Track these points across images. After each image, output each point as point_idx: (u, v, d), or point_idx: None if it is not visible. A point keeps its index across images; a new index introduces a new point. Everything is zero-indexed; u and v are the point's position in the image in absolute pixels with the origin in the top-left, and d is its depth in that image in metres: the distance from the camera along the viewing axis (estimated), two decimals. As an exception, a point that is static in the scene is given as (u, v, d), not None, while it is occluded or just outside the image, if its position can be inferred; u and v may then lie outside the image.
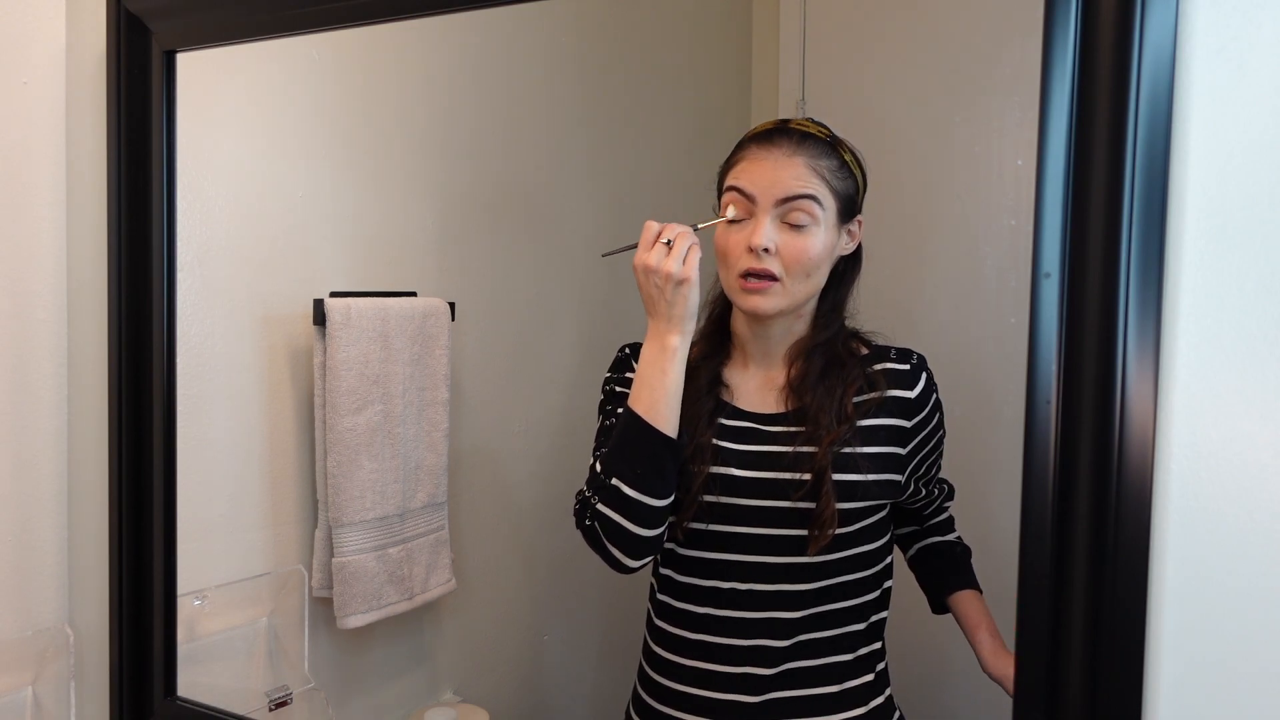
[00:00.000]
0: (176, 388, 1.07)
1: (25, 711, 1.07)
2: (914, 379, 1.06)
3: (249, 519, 1.20)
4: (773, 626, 1.03)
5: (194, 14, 1.02)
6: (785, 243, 1.00)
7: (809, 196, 1.00)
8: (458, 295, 1.39)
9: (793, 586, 1.03)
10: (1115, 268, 0.60)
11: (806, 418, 1.02)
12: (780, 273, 1.01)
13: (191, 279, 1.12)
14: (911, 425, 1.05)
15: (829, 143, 1.04)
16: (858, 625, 1.06)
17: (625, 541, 0.99)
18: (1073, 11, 0.61)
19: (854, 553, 1.05)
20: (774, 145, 1.02)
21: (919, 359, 1.08)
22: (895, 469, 1.04)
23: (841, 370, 1.05)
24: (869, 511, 1.04)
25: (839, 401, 1.02)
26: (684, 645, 1.07)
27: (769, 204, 1.00)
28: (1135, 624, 0.61)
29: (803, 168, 1.01)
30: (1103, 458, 0.61)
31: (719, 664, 1.05)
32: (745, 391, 1.08)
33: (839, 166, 1.03)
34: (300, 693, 1.21)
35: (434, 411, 1.33)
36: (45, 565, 1.10)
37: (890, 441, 1.04)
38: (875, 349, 1.09)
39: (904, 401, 1.05)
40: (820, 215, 1.01)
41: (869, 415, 1.03)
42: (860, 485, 1.01)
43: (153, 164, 1.04)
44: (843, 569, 1.04)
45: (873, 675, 1.07)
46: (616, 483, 0.98)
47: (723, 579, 1.04)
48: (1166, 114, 0.60)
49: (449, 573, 1.37)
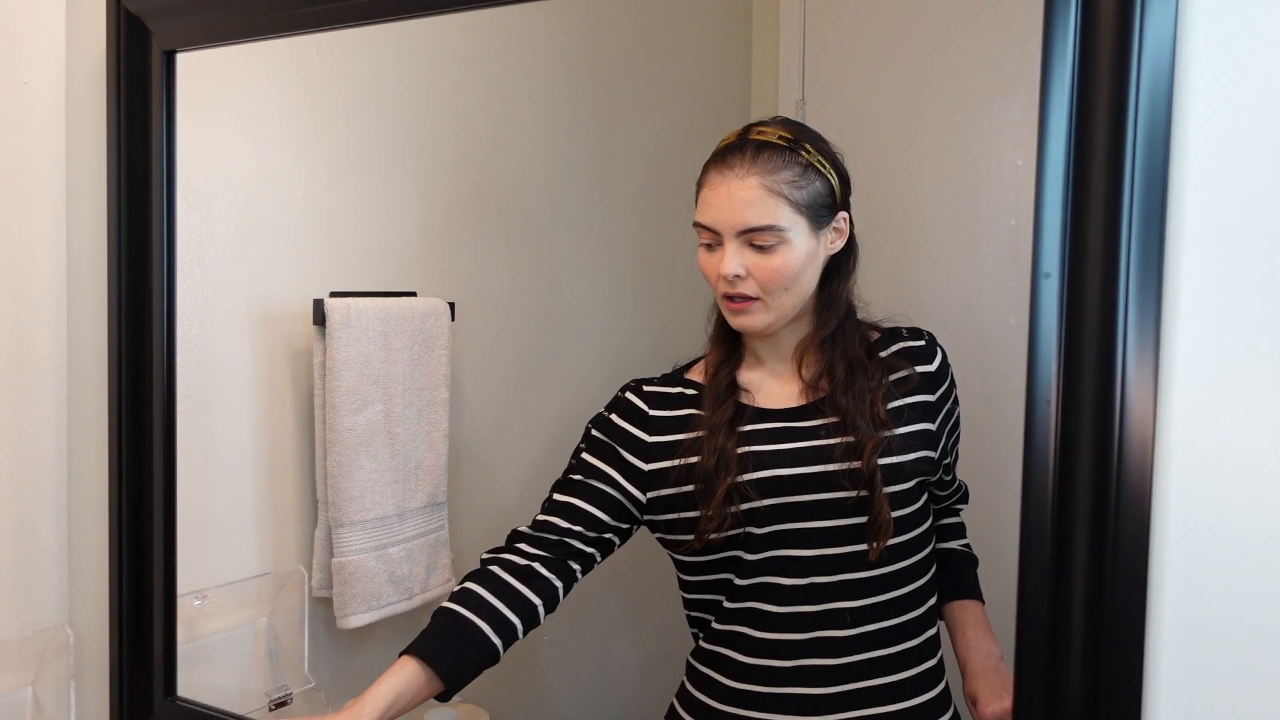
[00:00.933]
0: (176, 388, 1.07)
1: (25, 711, 1.07)
2: (931, 353, 1.09)
3: (249, 519, 1.20)
4: (838, 617, 1.03)
5: (194, 14, 1.02)
6: (755, 264, 1.00)
7: (766, 228, 0.99)
8: (458, 295, 1.39)
9: (854, 575, 1.02)
10: (1115, 268, 0.60)
11: (840, 415, 1.03)
12: (756, 292, 1.01)
13: (191, 279, 1.12)
14: (936, 398, 1.07)
15: (788, 149, 1.01)
16: (917, 611, 1.06)
17: None
18: (1073, 11, 0.61)
19: (906, 538, 1.04)
20: (728, 168, 1.01)
21: (930, 335, 1.11)
22: (929, 446, 1.05)
23: (864, 370, 1.05)
24: (914, 494, 1.04)
25: (870, 406, 1.03)
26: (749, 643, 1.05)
27: (731, 234, 1.00)
28: (1135, 624, 0.61)
29: (756, 190, 0.99)
30: (1103, 458, 0.61)
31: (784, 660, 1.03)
32: (766, 391, 1.08)
33: (800, 174, 1.01)
34: (300, 693, 1.21)
35: (434, 412, 1.33)
36: (45, 565, 1.10)
37: (922, 418, 1.05)
38: (886, 332, 1.11)
39: (927, 376, 1.07)
40: (786, 234, 1.00)
41: (898, 397, 1.04)
42: (902, 467, 1.02)
43: (153, 164, 1.04)
44: (898, 555, 1.04)
45: (935, 660, 1.07)
46: None
47: (783, 576, 1.03)
48: (1166, 114, 0.60)
49: (449, 573, 1.37)
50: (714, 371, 1.09)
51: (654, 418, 1.09)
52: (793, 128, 1.05)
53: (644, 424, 1.09)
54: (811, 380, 1.06)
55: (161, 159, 1.04)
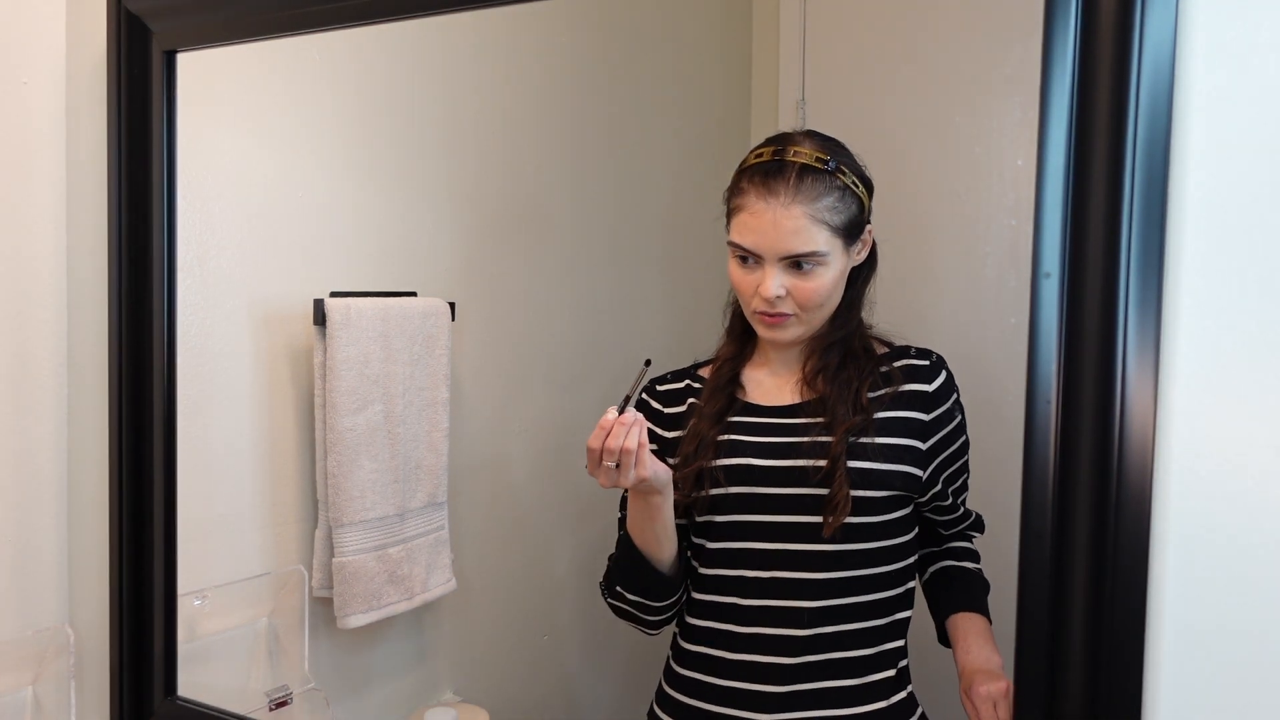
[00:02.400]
0: (176, 388, 1.07)
1: (25, 711, 1.07)
2: (933, 374, 1.08)
3: (249, 519, 1.20)
4: (795, 616, 1.04)
5: (194, 14, 1.02)
6: (794, 285, 1.03)
7: (809, 254, 1.02)
8: (458, 295, 1.39)
9: (813, 575, 1.04)
10: (1115, 268, 0.60)
11: (824, 408, 1.05)
12: (794, 310, 1.04)
13: (191, 279, 1.11)
14: (930, 419, 1.06)
15: (827, 172, 1.03)
16: (879, 621, 1.06)
17: (639, 625, 1.14)
18: (1073, 12, 0.61)
19: (875, 546, 1.05)
20: (772, 194, 1.02)
21: (939, 357, 1.11)
22: (914, 462, 1.05)
23: (857, 364, 1.07)
24: (888, 505, 1.04)
25: (854, 393, 1.05)
26: (709, 635, 1.09)
27: (773, 258, 1.02)
28: (1135, 624, 0.61)
29: (802, 219, 1.01)
30: (1103, 458, 0.61)
31: (742, 653, 1.06)
32: (764, 388, 1.11)
33: (840, 198, 1.03)
34: (300, 693, 1.21)
35: (434, 411, 1.33)
36: (45, 565, 1.10)
37: (908, 434, 1.05)
38: (895, 348, 1.12)
39: (922, 395, 1.07)
40: (826, 258, 1.03)
41: (887, 408, 1.05)
42: (875, 474, 1.02)
43: (153, 164, 1.04)
44: (863, 561, 1.05)
45: (894, 671, 1.07)
46: (621, 590, 1.11)
47: (745, 568, 1.06)
48: (1166, 114, 0.60)
49: (449, 573, 1.37)
50: (719, 366, 1.14)
51: (667, 415, 1.14)
52: (827, 146, 1.06)
53: (661, 422, 1.14)
54: (810, 376, 1.08)
55: (162, 159, 1.04)
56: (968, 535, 1.18)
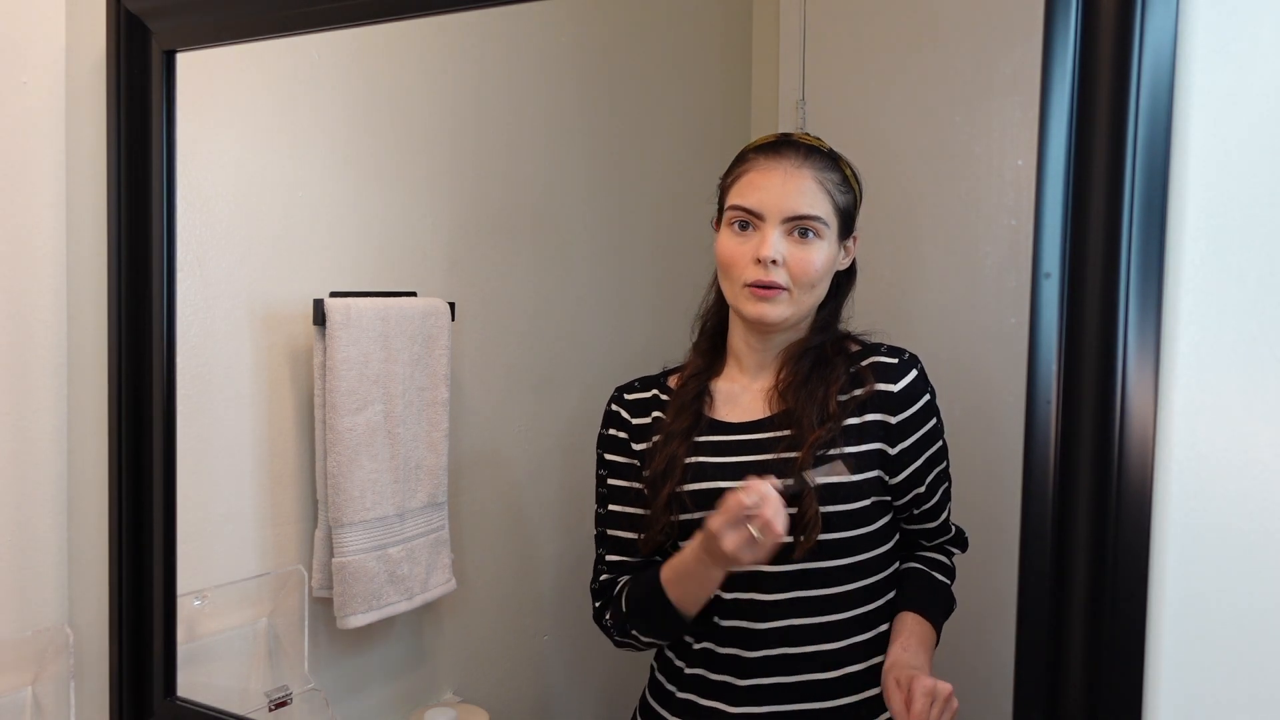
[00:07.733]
0: (176, 387, 1.07)
1: (25, 711, 1.07)
2: (899, 373, 1.04)
3: (249, 519, 1.20)
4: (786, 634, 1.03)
5: (194, 14, 1.02)
6: (792, 254, 1.01)
7: (814, 217, 1.01)
8: (458, 295, 1.39)
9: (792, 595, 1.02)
10: (1115, 268, 0.60)
11: (791, 420, 1.02)
12: (787, 283, 1.02)
13: (191, 279, 1.11)
14: (897, 422, 1.03)
15: (832, 157, 1.06)
16: (862, 636, 1.05)
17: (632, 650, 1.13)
18: (1073, 12, 0.61)
19: (853, 561, 1.03)
20: (781, 156, 1.03)
21: (910, 356, 1.07)
22: (881, 466, 1.02)
23: (827, 369, 1.04)
24: (863, 517, 1.03)
25: (821, 401, 1.02)
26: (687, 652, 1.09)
27: (776, 219, 1.01)
28: (1135, 624, 0.61)
29: (810, 181, 1.02)
30: (1103, 458, 0.61)
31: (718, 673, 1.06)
32: (734, 403, 1.08)
33: (841, 180, 1.05)
34: (300, 693, 1.21)
35: (434, 412, 1.33)
36: (45, 565, 1.10)
37: (875, 438, 1.02)
38: (867, 346, 1.08)
39: (887, 396, 1.03)
40: (825, 232, 1.03)
41: (854, 413, 1.03)
42: (843, 487, 1.00)
43: (153, 164, 1.04)
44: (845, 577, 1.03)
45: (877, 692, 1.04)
46: (635, 633, 1.08)
47: (723, 589, 1.03)
48: (1166, 114, 0.60)
49: (449, 573, 1.37)
50: (684, 381, 1.11)
51: (635, 426, 1.12)
52: (827, 146, 1.08)
53: (629, 432, 1.13)
54: (783, 386, 1.05)
55: (161, 159, 1.04)
56: (946, 550, 1.13)
